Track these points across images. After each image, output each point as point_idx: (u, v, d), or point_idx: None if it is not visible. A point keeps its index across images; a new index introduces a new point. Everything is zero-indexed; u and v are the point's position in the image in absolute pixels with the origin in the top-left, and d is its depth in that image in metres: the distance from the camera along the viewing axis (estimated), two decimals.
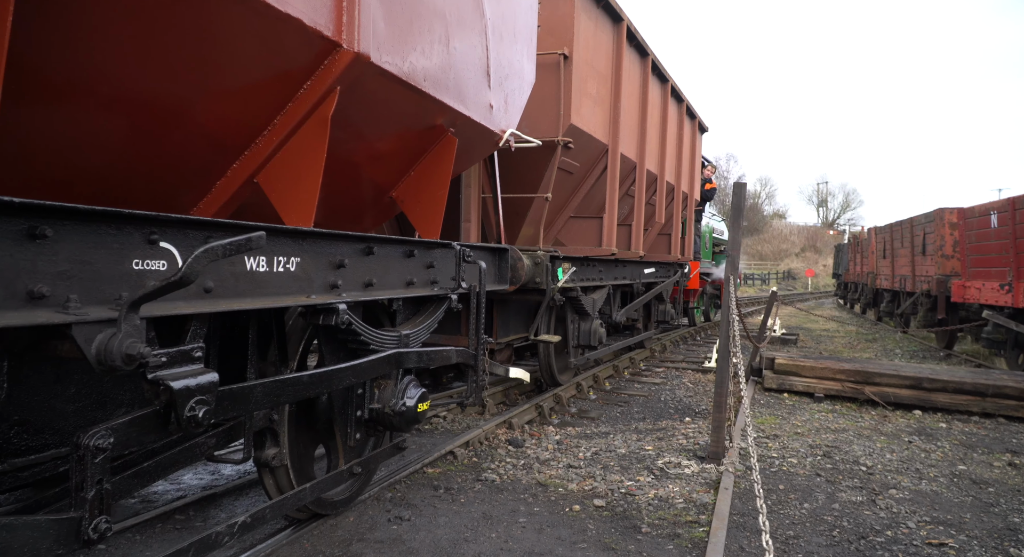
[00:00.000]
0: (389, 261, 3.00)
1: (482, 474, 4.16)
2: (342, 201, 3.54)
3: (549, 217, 6.20)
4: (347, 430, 3.15)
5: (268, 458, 2.88)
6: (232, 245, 1.82)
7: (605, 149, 6.49)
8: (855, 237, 23.74)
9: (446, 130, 3.54)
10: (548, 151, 5.54)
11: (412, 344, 3.28)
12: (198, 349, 2.05)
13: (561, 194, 6.22)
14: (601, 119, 6.31)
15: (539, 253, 5.16)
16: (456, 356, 3.69)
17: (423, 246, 3.29)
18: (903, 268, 14.25)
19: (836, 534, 3.43)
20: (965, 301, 10.01)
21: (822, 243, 59.75)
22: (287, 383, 2.48)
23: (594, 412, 6.10)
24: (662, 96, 8.33)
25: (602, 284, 6.73)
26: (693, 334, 13.22)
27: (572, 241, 6.87)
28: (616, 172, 6.59)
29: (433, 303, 3.52)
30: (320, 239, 2.54)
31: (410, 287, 3.17)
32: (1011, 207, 8.42)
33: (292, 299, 2.37)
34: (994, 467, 4.71)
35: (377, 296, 2.91)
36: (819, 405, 6.59)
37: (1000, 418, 6.18)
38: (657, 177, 8.38)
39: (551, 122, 5.58)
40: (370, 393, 3.21)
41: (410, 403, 3.24)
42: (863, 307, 20.60)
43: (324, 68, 2.50)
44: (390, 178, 3.63)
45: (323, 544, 3.11)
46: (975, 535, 3.47)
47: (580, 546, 3.18)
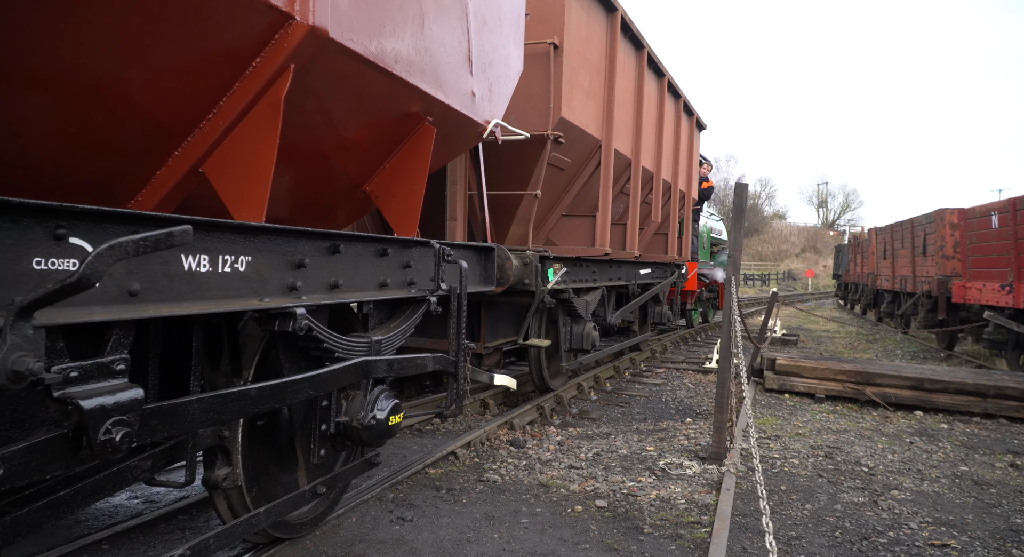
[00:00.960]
0: (359, 261, 2.77)
1: (484, 474, 4.16)
2: (310, 195, 3.33)
3: (540, 215, 6.01)
4: (310, 446, 2.90)
5: (218, 479, 2.59)
6: (147, 241, 1.58)
7: (598, 144, 6.26)
8: (855, 238, 23.73)
9: (423, 119, 3.29)
10: (538, 146, 5.32)
11: (385, 351, 3.03)
12: (120, 361, 1.80)
13: (552, 191, 6.02)
14: (594, 113, 6.07)
15: (528, 253, 4.98)
16: (433, 363, 3.45)
17: (398, 244, 3.06)
18: (904, 269, 14.25)
19: (838, 535, 3.43)
20: (966, 302, 10.01)
21: (822, 244, 59.76)
22: (231, 398, 2.19)
23: (595, 413, 6.10)
24: (658, 91, 8.09)
25: (596, 285, 6.53)
26: (693, 335, 13.22)
27: (564, 241, 6.62)
28: (610, 169, 6.39)
29: (410, 306, 3.27)
30: (276, 236, 2.29)
31: (383, 289, 2.93)
32: (1012, 208, 8.42)
33: (241, 303, 2.12)
34: (996, 468, 4.71)
35: (344, 299, 2.67)
36: (820, 406, 6.59)
37: (1001, 419, 6.18)
38: (653, 175, 8.13)
39: (540, 115, 5.34)
40: (337, 405, 2.95)
41: (380, 416, 2.98)
42: (863, 308, 20.60)
43: (275, 44, 2.24)
44: (363, 170, 3.39)
45: (326, 544, 3.11)
46: (977, 536, 3.47)
47: (582, 547, 3.18)
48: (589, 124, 5.93)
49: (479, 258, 4.04)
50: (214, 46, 2.15)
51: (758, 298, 26.97)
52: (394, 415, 3.07)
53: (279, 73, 2.29)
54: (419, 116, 3.26)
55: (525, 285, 4.95)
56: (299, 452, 2.89)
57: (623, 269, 7.42)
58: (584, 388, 6.93)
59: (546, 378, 6.15)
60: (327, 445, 2.97)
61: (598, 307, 6.87)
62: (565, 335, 6.27)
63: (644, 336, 9.38)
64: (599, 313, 7.04)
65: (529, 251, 5.02)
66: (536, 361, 6.03)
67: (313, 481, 2.96)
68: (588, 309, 6.25)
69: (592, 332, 6.32)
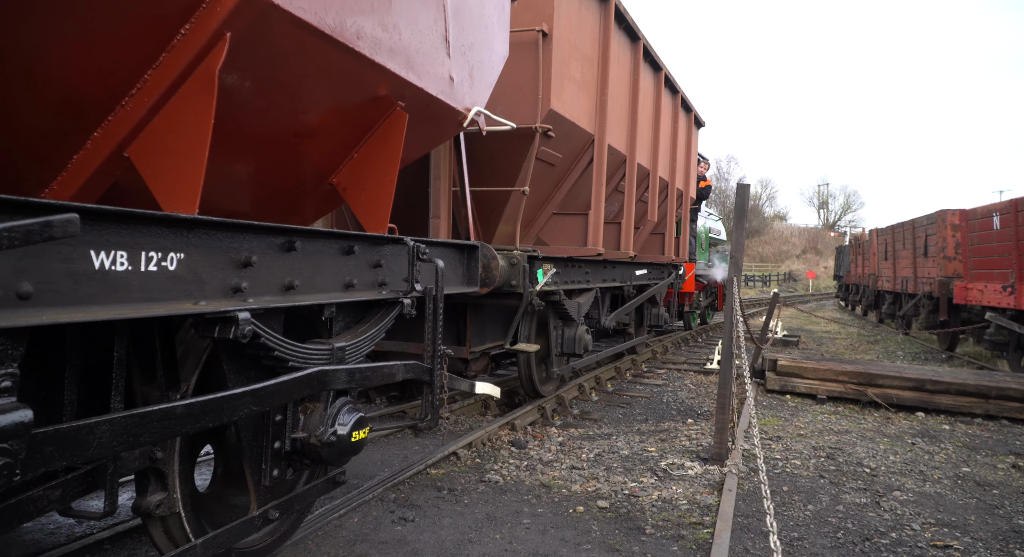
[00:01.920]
0: (320, 259, 2.50)
1: (485, 475, 4.16)
2: (270, 187, 3.06)
3: (529, 213, 5.75)
4: (260, 466, 2.54)
5: (151, 506, 2.28)
6: (15, 232, 1.33)
7: (591, 139, 5.96)
8: (856, 239, 23.73)
9: (393, 103, 2.99)
10: (526, 139, 5.04)
11: (350, 358, 2.74)
12: (5, 378, 1.53)
13: (542, 188, 5.74)
14: (586, 106, 5.76)
15: (515, 253, 4.74)
16: (404, 372, 3.14)
17: (367, 241, 2.79)
18: (905, 270, 14.25)
19: (840, 536, 3.42)
20: (967, 303, 10.00)
21: (823, 245, 59.75)
22: (150, 417, 1.86)
23: (596, 413, 6.10)
24: (655, 85, 7.79)
25: (589, 287, 6.28)
26: (694, 336, 13.22)
27: (556, 240, 6.31)
28: (603, 165, 6.07)
29: (382, 309, 3.00)
30: (215, 231, 2.00)
31: (349, 290, 2.67)
32: (1013, 209, 8.42)
33: (169, 306, 1.84)
34: (998, 469, 4.70)
35: (301, 301, 2.38)
36: (822, 407, 6.59)
37: (1003, 420, 6.18)
38: (649, 172, 7.82)
39: (529, 107, 5.02)
40: (293, 420, 2.63)
41: (342, 432, 2.68)
42: (864, 309, 20.60)
43: (206, 8, 1.98)
44: (328, 160, 3.11)
45: (327, 545, 3.11)
46: (980, 537, 3.47)
47: (584, 547, 3.18)
48: (581, 118, 5.65)
49: (461, 257, 3.79)
50: (136, 10, 1.89)
51: (759, 299, 26.97)
52: (358, 430, 2.76)
53: (212, 43, 2.01)
54: (389, 100, 2.97)
55: (512, 286, 4.72)
56: (247, 474, 2.54)
57: (618, 270, 7.20)
58: (585, 389, 6.93)
59: (536, 384, 5.93)
60: (281, 465, 2.62)
61: (591, 309, 6.67)
62: (556, 339, 6.03)
63: (640, 339, 9.16)
64: (593, 315, 6.82)
65: (516, 251, 4.79)
66: (526, 366, 5.81)
67: (265, 505, 2.59)
68: (580, 311, 6.04)
69: (584, 336, 6.10)
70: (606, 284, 6.82)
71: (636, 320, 8.99)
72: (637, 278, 7.87)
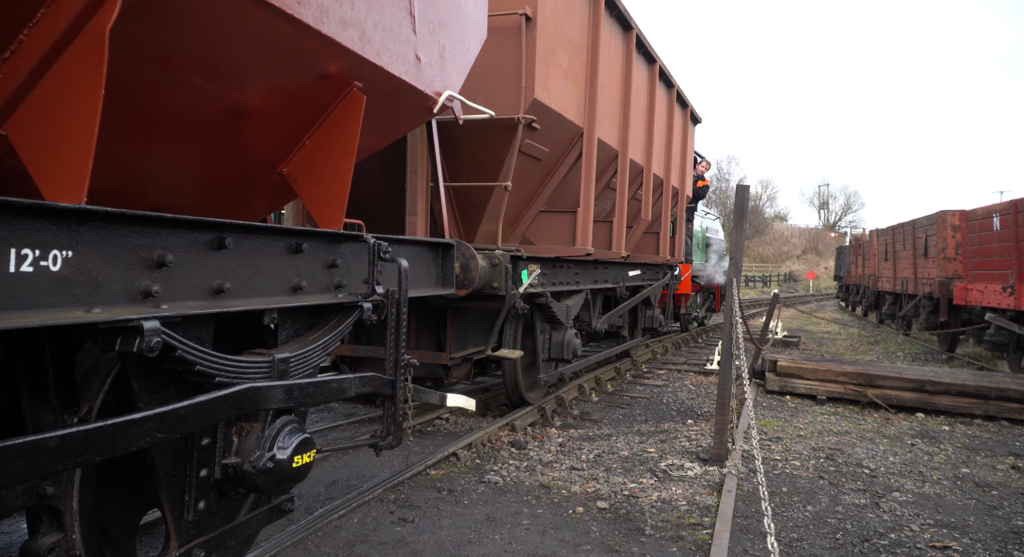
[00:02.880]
0: (259, 258, 2.20)
1: (485, 476, 4.16)
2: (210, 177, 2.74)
3: (514, 211, 5.45)
4: (182, 498, 2.16)
5: (41, 549, 1.93)
6: None
7: (579, 133, 5.58)
8: (856, 239, 23.74)
9: (349, 83, 2.69)
10: (508, 131, 4.71)
11: (296, 371, 2.42)
12: None
13: (528, 184, 5.41)
14: (574, 97, 5.40)
15: (497, 252, 4.48)
16: (360, 385, 2.77)
17: (319, 239, 2.51)
18: (905, 270, 14.25)
19: (840, 537, 3.43)
20: (967, 304, 10.01)
21: (823, 245, 59.75)
22: (8, 454, 1.48)
23: (596, 414, 6.11)
24: (648, 78, 7.44)
25: (579, 288, 6.01)
26: (694, 336, 13.22)
27: (543, 239, 5.95)
28: (592, 160, 5.72)
29: (339, 314, 2.70)
30: (117, 224, 1.72)
31: (297, 294, 2.38)
32: (1013, 209, 8.42)
33: (47, 315, 1.54)
34: (997, 470, 4.70)
35: (234, 307, 2.07)
36: (821, 407, 6.59)
37: (1003, 421, 6.18)
38: (643, 169, 7.50)
39: (511, 97, 4.68)
40: (225, 443, 2.28)
41: (282, 456, 2.33)
42: (865, 309, 20.60)
43: None
44: (275, 147, 2.79)
45: (327, 546, 3.11)
46: (979, 538, 3.47)
47: (584, 548, 3.19)
48: (568, 109, 5.28)
49: (435, 257, 3.51)
50: None
51: (759, 300, 26.97)
52: (301, 454, 2.41)
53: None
54: (344, 80, 2.65)
55: (494, 289, 4.45)
56: (165, 508, 2.13)
57: (610, 270, 6.92)
58: (585, 389, 6.93)
59: (522, 391, 5.65)
60: (210, 495, 2.24)
61: (582, 312, 6.43)
62: (543, 343, 5.76)
63: (634, 342, 8.91)
64: (583, 318, 6.59)
65: (498, 250, 4.52)
66: (511, 373, 5.54)
67: (188, 543, 2.19)
68: (569, 314, 5.81)
69: (573, 340, 5.83)
70: (597, 285, 6.59)
71: (630, 323, 8.75)
72: (630, 279, 7.64)
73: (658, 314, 9.15)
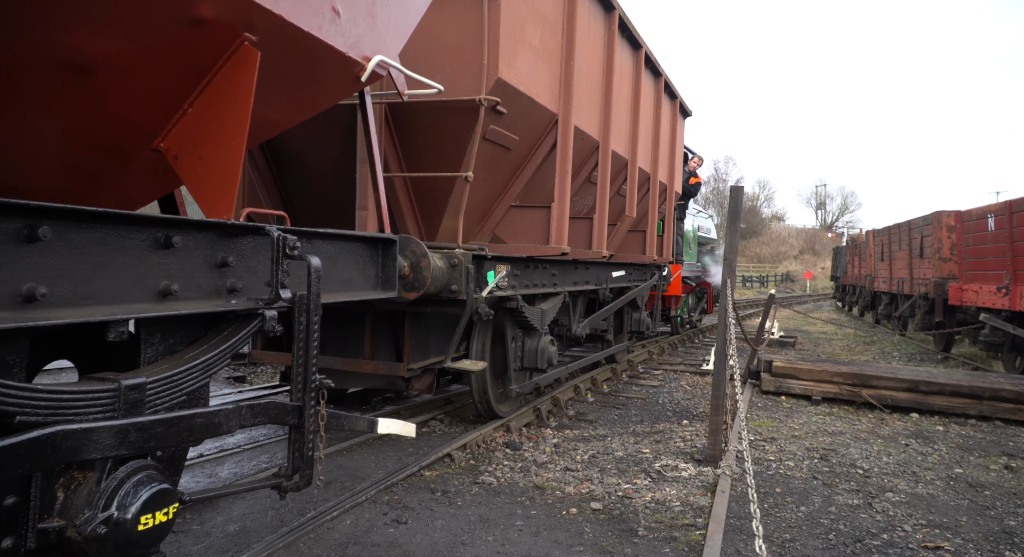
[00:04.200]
0: (105, 255, 1.76)
1: (479, 477, 4.16)
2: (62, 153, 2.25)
3: (481, 205, 4.98)
4: None
5: None
6: None
7: (554, 120, 5.07)
8: (853, 240, 23.79)
9: (238, 34, 2.17)
10: (469, 115, 4.21)
11: (158, 401, 1.92)
12: None
13: (497, 176, 4.92)
14: (547, 79, 4.89)
15: (457, 251, 4.03)
16: (248, 417, 2.21)
17: (200, 231, 2.05)
18: (901, 271, 14.28)
19: (832, 537, 3.43)
20: (962, 304, 10.03)
21: (820, 246, 59.82)
22: None
23: (591, 415, 6.11)
24: (633, 65, 6.95)
25: (555, 291, 5.55)
26: (691, 337, 13.23)
27: (515, 237, 5.40)
28: (568, 150, 5.20)
29: (234, 324, 2.23)
30: None
31: (167, 300, 1.93)
32: (1008, 210, 8.44)
33: None
34: (991, 470, 4.72)
35: (54, 319, 1.62)
36: (816, 408, 6.60)
37: (997, 421, 6.20)
38: (628, 162, 6.96)
39: (472, 76, 4.19)
40: (45, 500, 1.74)
41: (122, 516, 1.78)
42: (861, 310, 20.64)
43: None
44: (147, 115, 2.28)
45: (319, 547, 3.11)
46: (971, 538, 3.48)
47: (577, 549, 3.19)
48: (540, 92, 4.78)
49: (373, 255, 3.04)
50: None
51: (756, 300, 27.00)
52: (153, 512, 1.85)
53: None
54: (230, 29, 2.14)
55: (453, 292, 3.98)
56: None
57: (592, 271, 6.46)
58: (581, 390, 6.93)
59: (492, 404, 5.16)
60: None
61: (561, 316, 6.03)
62: (515, 351, 5.26)
63: (620, 346, 8.40)
64: (562, 322, 6.19)
65: (459, 249, 4.09)
66: (478, 383, 5.03)
67: None
68: (544, 319, 5.33)
69: (548, 348, 5.34)
70: (577, 287, 6.15)
71: (616, 325, 8.30)
72: (614, 280, 7.17)
73: (645, 317, 8.71)
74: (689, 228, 12.91)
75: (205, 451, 4.55)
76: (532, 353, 5.28)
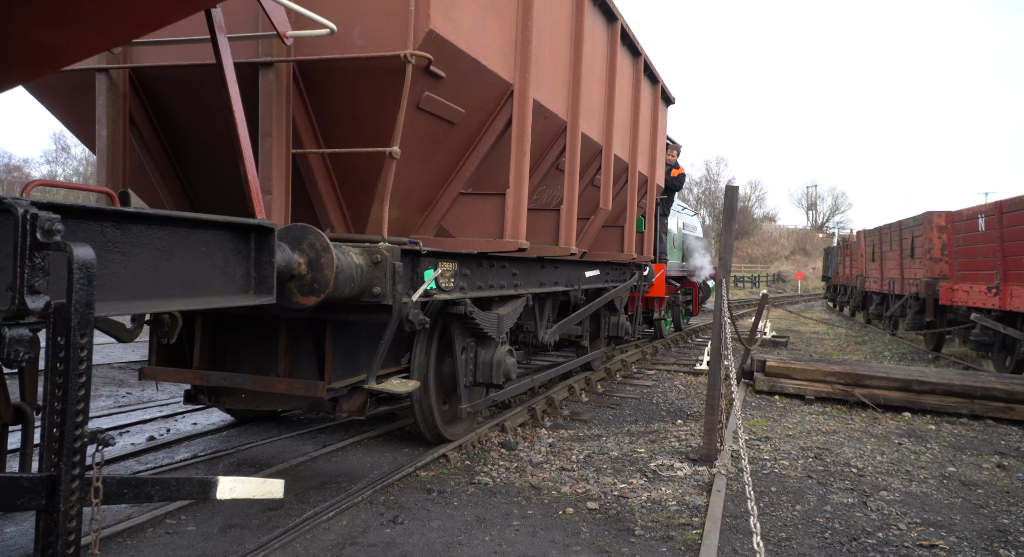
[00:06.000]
0: None
1: (475, 477, 4.15)
2: None
3: (423, 192, 4.23)
4: None
5: None
6: None
7: (508, 90, 4.31)
8: (844, 240, 23.92)
9: None
10: (393, 76, 3.35)
11: None
12: None
13: (441, 156, 4.16)
14: (498, 41, 4.09)
15: (381, 246, 3.30)
16: None
17: None
18: (892, 271, 14.37)
19: (828, 536, 3.45)
20: (953, 304, 10.11)
21: (811, 246, 60.20)
22: None
23: (586, 414, 6.11)
24: (608, 40, 6.17)
25: (516, 293, 4.86)
26: (684, 337, 13.26)
27: (466, 230, 4.58)
28: (526, 127, 4.39)
29: None
30: None
31: None
32: (998, 211, 8.51)
33: None
34: (983, 469, 4.75)
35: None
36: (810, 407, 6.63)
37: (988, 420, 6.24)
38: (602, 149, 6.22)
39: (397, 27, 3.33)
40: None
41: None
42: (852, 310, 20.76)
43: None
44: None
45: (315, 548, 3.10)
46: (965, 536, 3.50)
47: (574, 549, 3.19)
48: (490, 55, 3.98)
49: (241, 247, 2.34)
50: None
51: (747, 300, 27.12)
52: None
53: None
54: None
55: (375, 295, 3.24)
56: None
57: (562, 271, 5.81)
58: (575, 390, 6.94)
59: (439, 426, 4.50)
60: None
61: (526, 321, 5.50)
62: (466, 364, 4.59)
63: (596, 353, 7.77)
64: (528, 328, 5.63)
65: (383, 242, 3.36)
66: (422, 403, 4.38)
67: None
68: (501, 326, 4.65)
69: (505, 360, 4.68)
70: (544, 289, 5.46)
71: (592, 331, 7.62)
72: (588, 281, 6.50)
73: (623, 321, 8.05)
74: (674, 226, 12.31)
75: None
76: (486, 366, 4.64)
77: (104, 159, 3.67)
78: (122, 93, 3.73)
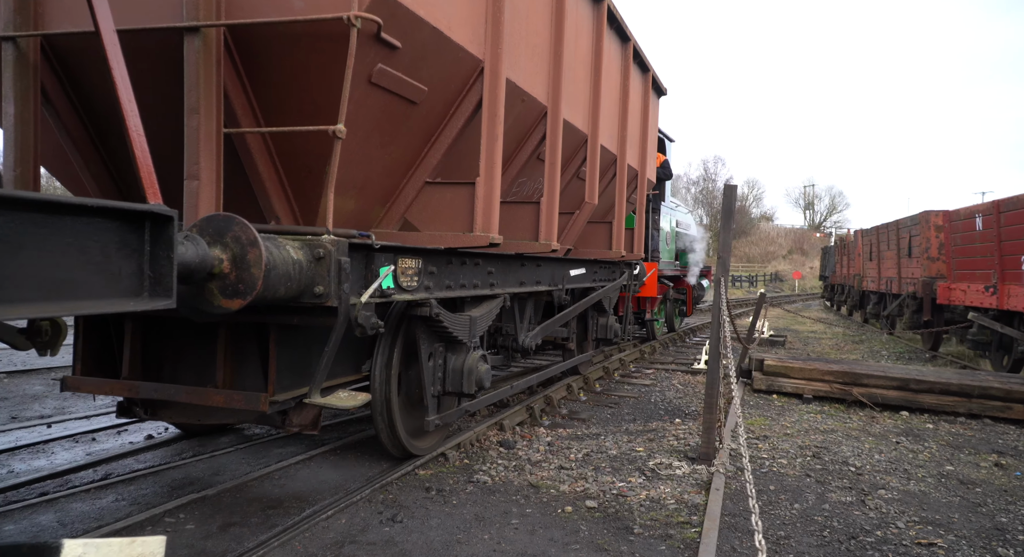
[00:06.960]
0: None
1: (474, 476, 4.15)
2: None
3: (383, 180, 3.83)
4: None
5: None
6: None
7: (478, 66, 3.92)
8: (841, 240, 23.95)
9: None
10: (338, 45, 2.94)
11: None
12: None
13: (402, 140, 3.76)
14: (465, 10, 3.69)
15: (324, 239, 2.87)
16: None
17: None
18: (889, 270, 14.39)
19: (826, 534, 3.45)
20: (950, 303, 10.13)
21: (809, 245, 60.26)
22: None
23: (584, 413, 6.11)
24: (594, 22, 5.80)
25: (492, 293, 4.51)
26: (683, 336, 13.26)
27: (434, 223, 4.12)
28: (498, 108, 4.00)
29: None
30: None
31: None
32: (995, 210, 8.53)
33: None
34: (981, 467, 4.76)
35: None
36: (808, 406, 6.64)
37: (986, 419, 6.26)
38: (587, 138, 5.81)
39: None
40: None
41: None
42: (850, 309, 20.79)
43: None
44: None
45: (314, 546, 3.09)
46: (963, 535, 3.51)
47: (573, 548, 3.19)
48: (454, 25, 3.58)
49: (132, 239, 1.91)
50: None
51: (745, 300, 27.15)
52: None
53: None
54: None
55: (317, 295, 2.84)
56: None
57: (544, 269, 5.44)
58: (573, 389, 6.93)
59: (402, 438, 4.14)
60: None
61: (505, 323, 5.23)
62: (434, 371, 4.21)
63: (584, 356, 7.34)
64: (507, 331, 5.32)
65: (327, 235, 2.92)
66: (383, 414, 4.01)
67: None
68: (474, 329, 4.30)
69: (478, 366, 4.34)
70: (524, 289, 5.08)
71: (579, 332, 7.26)
72: (573, 280, 6.14)
73: (612, 322, 7.63)
74: (667, 224, 11.81)
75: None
76: (456, 373, 4.29)
77: (12, 140, 3.25)
78: (32, 64, 3.24)
